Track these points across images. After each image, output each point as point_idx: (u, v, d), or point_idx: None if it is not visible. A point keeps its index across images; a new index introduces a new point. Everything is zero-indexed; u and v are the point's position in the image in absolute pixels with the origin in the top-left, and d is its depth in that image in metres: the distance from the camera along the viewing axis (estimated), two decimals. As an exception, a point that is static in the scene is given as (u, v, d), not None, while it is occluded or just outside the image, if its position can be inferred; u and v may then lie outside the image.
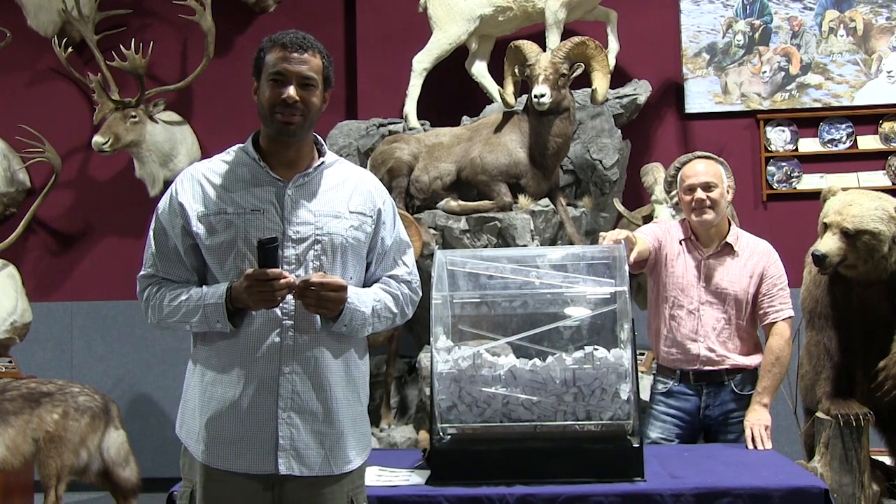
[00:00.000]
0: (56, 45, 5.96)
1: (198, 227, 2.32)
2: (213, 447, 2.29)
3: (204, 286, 2.33)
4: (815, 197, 3.50)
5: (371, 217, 2.43)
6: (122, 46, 5.57)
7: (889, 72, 5.77)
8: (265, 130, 2.39)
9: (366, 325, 2.38)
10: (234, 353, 2.30)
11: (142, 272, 2.41)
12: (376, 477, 2.89)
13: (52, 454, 4.24)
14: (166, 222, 2.37)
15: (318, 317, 2.31)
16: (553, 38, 5.26)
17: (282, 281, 2.21)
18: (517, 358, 2.94)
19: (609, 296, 3.06)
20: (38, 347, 6.17)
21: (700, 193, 3.52)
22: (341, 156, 2.55)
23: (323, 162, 2.42)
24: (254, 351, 2.28)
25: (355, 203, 2.41)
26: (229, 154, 2.43)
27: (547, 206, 4.87)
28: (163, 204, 2.40)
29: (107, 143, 5.63)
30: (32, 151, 6.02)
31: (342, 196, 2.40)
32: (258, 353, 2.28)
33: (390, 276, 2.49)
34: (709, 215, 3.53)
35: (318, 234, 2.33)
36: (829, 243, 3.17)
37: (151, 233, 2.40)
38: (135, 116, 5.76)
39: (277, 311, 2.29)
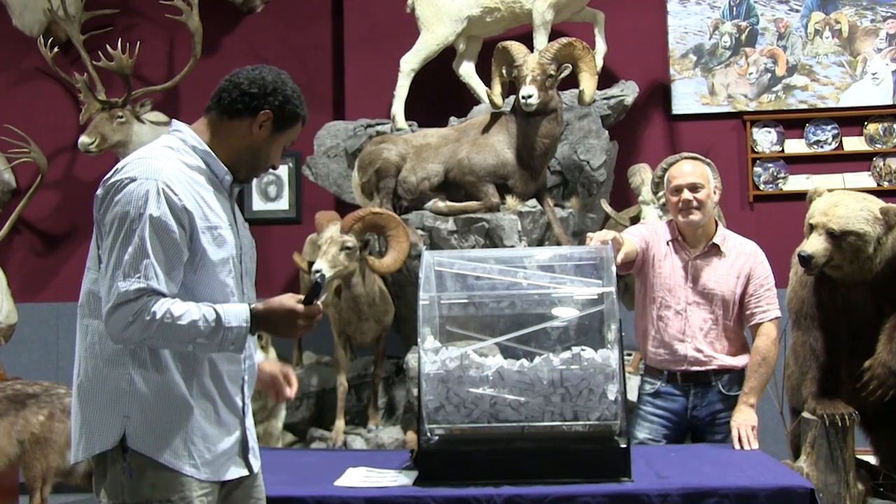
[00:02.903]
0: (42, 44, 5.92)
1: (205, 241, 2.22)
2: (208, 460, 2.28)
3: (215, 306, 2.18)
4: (802, 198, 3.52)
5: None
6: (108, 46, 5.53)
7: (874, 73, 5.80)
8: (226, 142, 2.33)
9: None
10: (214, 369, 2.32)
11: (137, 284, 2.10)
12: (364, 478, 2.89)
13: (38, 456, 4.22)
14: (174, 230, 2.15)
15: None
16: (540, 39, 5.26)
17: (319, 316, 2.31)
18: (505, 359, 2.94)
19: (596, 296, 3.06)
20: (23, 349, 6.12)
21: (687, 194, 3.53)
22: (329, 156, 2.63)
23: None
24: (230, 366, 2.35)
25: None
26: (183, 154, 2.28)
27: (534, 206, 4.87)
28: (163, 210, 2.14)
29: (93, 143, 5.60)
30: (18, 151, 5.99)
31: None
32: (234, 368, 2.36)
33: None
34: (695, 216, 3.54)
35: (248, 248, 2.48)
36: (814, 244, 3.18)
37: (156, 240, 2.12)
38: (121, 117, 5.72)
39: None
